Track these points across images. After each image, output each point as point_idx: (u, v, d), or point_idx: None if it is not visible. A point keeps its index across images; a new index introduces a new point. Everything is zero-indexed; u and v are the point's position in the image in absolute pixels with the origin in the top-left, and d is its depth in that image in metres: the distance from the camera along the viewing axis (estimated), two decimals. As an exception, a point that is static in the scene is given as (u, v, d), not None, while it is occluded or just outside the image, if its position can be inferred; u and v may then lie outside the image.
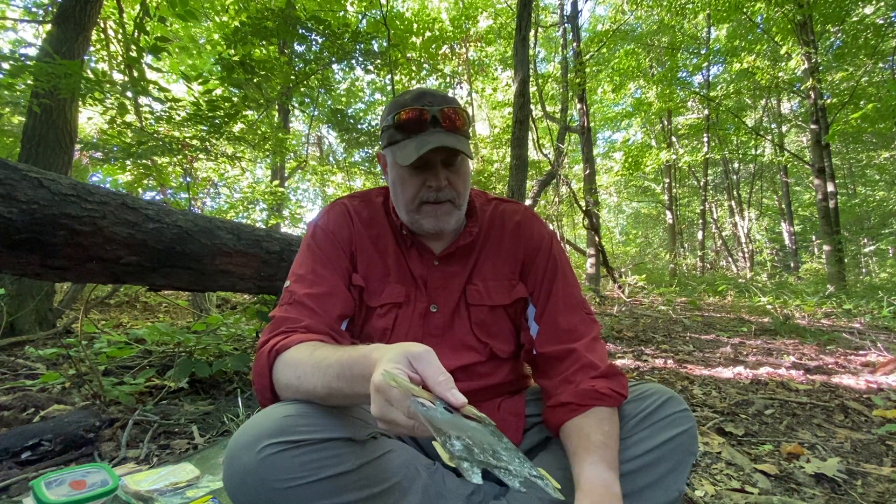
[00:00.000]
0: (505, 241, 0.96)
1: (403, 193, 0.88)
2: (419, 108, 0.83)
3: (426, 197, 0.86)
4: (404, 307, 0.90)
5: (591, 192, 8.29)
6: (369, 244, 0.93)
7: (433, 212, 0.87)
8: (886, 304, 5.36)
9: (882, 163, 14.86)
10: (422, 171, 0.86)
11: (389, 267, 0.92)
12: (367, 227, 0.94)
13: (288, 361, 0.71)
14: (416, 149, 0.81)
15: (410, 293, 0.91)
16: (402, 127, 0.84)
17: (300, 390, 0.68)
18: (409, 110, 0.83)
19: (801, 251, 16.38)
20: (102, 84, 3.19)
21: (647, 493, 0.73)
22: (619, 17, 11.40)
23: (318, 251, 0.89)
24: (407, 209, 0.89)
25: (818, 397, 2.14)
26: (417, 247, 0.94)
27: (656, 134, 15.44)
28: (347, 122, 6.89)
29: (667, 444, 0.74)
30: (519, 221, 0.98)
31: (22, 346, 2.56)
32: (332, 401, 0.67)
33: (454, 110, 0.84)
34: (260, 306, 2.51)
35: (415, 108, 0.83)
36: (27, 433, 1.26)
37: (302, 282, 0.86)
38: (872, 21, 8.32)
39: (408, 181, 0.87)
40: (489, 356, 0.91)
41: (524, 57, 4.17)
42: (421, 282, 0.92)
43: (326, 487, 0.63)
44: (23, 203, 1.21)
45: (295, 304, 0.83)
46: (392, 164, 0.89)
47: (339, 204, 0.97)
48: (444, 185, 0.86)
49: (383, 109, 0.94)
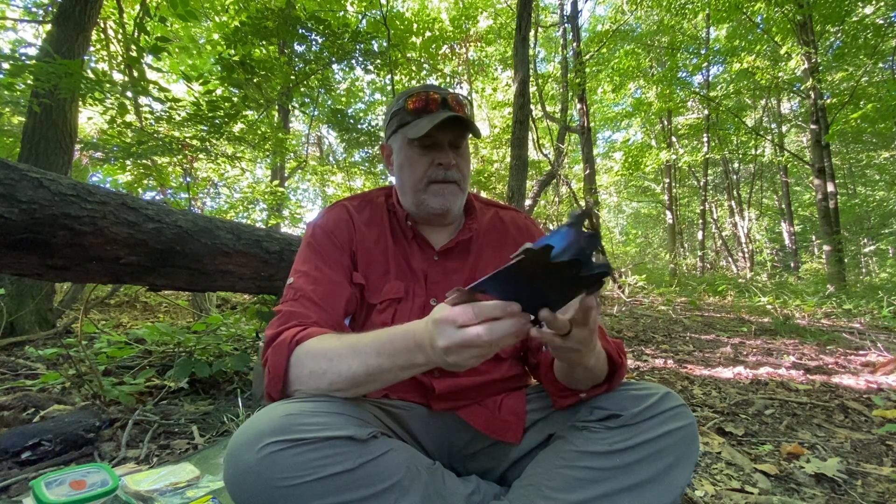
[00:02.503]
0: (508, 243, 1.00)
1: (412, 173, 0.92)
2: (429, 93, 0.90)
3: (434, 175, 0.90)
4: (403, 302, 0.91)
5: (591, 192, 8.29)
6: (370, 243, 0.95)
7: (441, 190, 0.91)
8: (886, 304, 5.36)
9: (882, 163, 14.87)
10: (430, 151, 0.90)
11: (389, 264, 0.94)
12: (367, 227, 0.96)
13: (313, 349, 0.72)
14: (429, 121, 0.86)
15: (410, 288, 0.93)
16: (414, 108, 0.89)
17: (328, 374, 0.69)
18: (421, 93, 0.90)
19: (801, 251, 16.39)
20: (102, 84, 3.19)
21: (649, 487, 0.72)
22: (618, 17, 11.41)
23: (319, 249, 0.91)
24: (415, 189, 0.92)
25: (818, 397, 2.14)
26: (419, 241, 0.96)
27: (656, 134, 15.44)
28: (347, 122, 6.89)
29: (667, 437, 0.74)
30: (521, 226, 1.03)
31: (22, 346, 2.56)
32: (367, 381, 0.69)
33: (461, 97, 0.92)
34: (260, 306, 2.51)
35: (425, 92, 0.90)
36: (27, 433, 1.26)
37: (306, 278, 0.87)
38: (872, 21, 8.32)
39: (416, 161, 0.91)
40: None
41: (524, 57, 4.17)
42: (421, 275, 0.94)
43: (327, 486, 0.63)
44: (23, 203, 1.21)
45: (301, 300, 0.83)
46: (400, 148, 0.93)
47: (338, 205, 0.99)
48: (452, 163, 0.90)
49: (386, 108, 0.99)
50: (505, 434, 0.88)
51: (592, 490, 0.74)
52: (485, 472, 0.89)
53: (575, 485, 0.74)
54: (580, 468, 0.76)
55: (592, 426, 0.78)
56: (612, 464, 0.74)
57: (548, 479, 0.77)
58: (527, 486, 0.79)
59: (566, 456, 0.78)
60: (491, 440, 0.88)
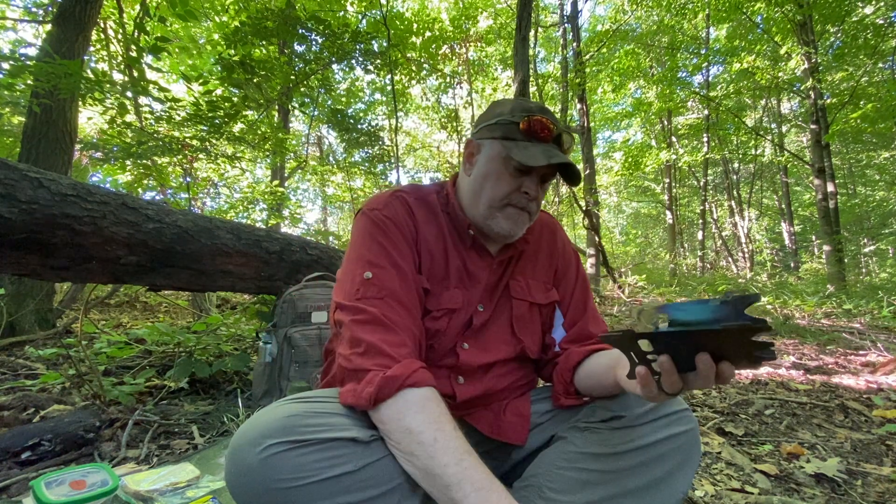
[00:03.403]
0: (542, 248, 1.00)
1: (494, 189, 0.86)
2: (550, 122, 0.84)
3: (516, 200, 0.86)
4: (458, 312, 0.88)
5: (591, 192, 8.29)
6: (431, 243, 0.89)
7: (515, 216, 0.87)
8: (886, 304, 5.35)
9: (882, 163, 14.87)
10: (522, 176, 0.86)
11: (449, 269, 0.90)
12: (426, 225, 0.90)
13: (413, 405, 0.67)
14: (544, 156, 0.81)
15: (466, 297, 0.89)
16: (529, 130, 0.84)
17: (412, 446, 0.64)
18: (542, 118, 0.84)
19: (801, 251, 16.37)
20: (102, 84, 3.19)
21: (650, 491, 0.72)
22: (618, 17, 11.40)
23: (391, 240, 0.83)
24: (490, 204, 0.87)
25: (818, 397, 2.14)
26: (477, 247, 0.92)
27: (656, 134, 15.43)
28: (347, 122, 6.89)
29: (669, 441, 0.74)
30: (553, 231, 1.04)
31: (22, 346, 2.56)
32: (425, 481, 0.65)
33: (571, 139, 0.89)
34: (260, 306, 2.51)
35: (546, 119, 0.84)
36: (27, 433, 1.25)
37: (387, 273, 0.79)
38: (872, 21, 8.31)
39: (505, 179, 0.86)
40: (518, 354, 0.92)
41: (524, 57, 4.17)
42: (477, 282, 0.91)
43: (329, 488, 0.62)
44: (23, 203, 1.21)
45: (387, 300, 0.77)
46: (493, 158, 0.86)
47: (398, 197, 0.90)
48: (537, 197, 0.88)
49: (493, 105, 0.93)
50: (510, 436, 0.88)
51: (593, 492, 0.73)
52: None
53: (576, 486, 0.74)
54: (581, 469, 0.76)
55: (595, 426, 0.78)
56: (613, 466, 0.74)
57: (548, 480, 0.77)
58: (527, 487, 0.79)
59: (568, 457, 0.78)
60: (495, 442, 0.88)
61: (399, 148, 12.00)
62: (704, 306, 0.52)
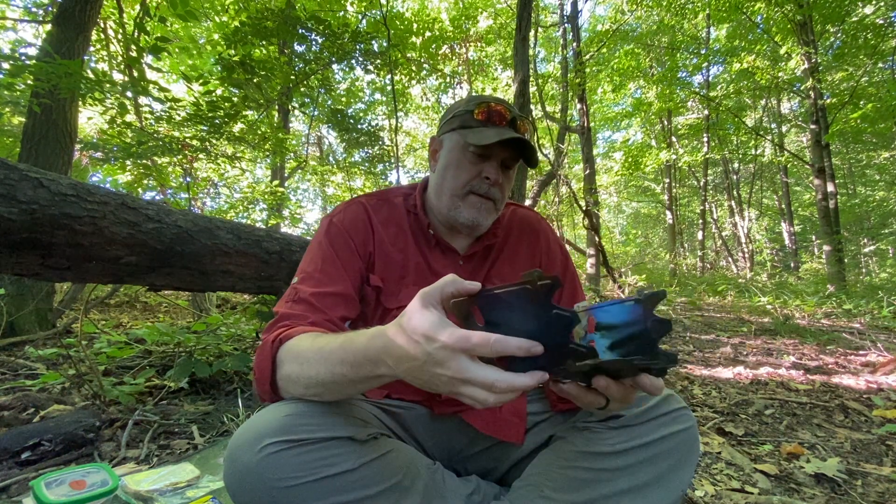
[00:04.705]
0: (522, 247, 0.99)
1: (455, 178, 0.89)
2: (501, 106, 0.87)
3: (477, 187, 0.88)
4: None
5: (591, 192, 8.30)
6: (387, 244, 0.92)
7: (478, 204, 0.88)
8: (886, 304, 5.36)
9: (882, 163, 14.88)
10: (482, 162, 0.88)
11: (408, 267, 0.91)
12: (384, 227, 0.93)
13: (291, 349, 0.69)
14: (496, 134, 0.83)
15: None
16: (483, 115, 0.87)
17: (302, 378, 0.65)
18: (492, 104, 0.87)
19: (801, 251, 16.38)
20: (102, 84, 3.19)
21: (650, 490, 0.72)
22: (618, 17, 11.41)
23: (329, 249, 0.88)
24: (452, 194, 0.89)
25: (818, 397, 2.14)
26: (441, 246, 0.94)
27: (656, 134, 15.44)
28: (347, 122, 6.88)
29: (668, 440, 0.74)
30: (535, 230, 1.02)
31: (22, 346, 2.56)
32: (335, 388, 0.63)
33: (529, 122, 0.90)
34: (260, 306, 2.51)
35: (501, 105, 0.87)
36: (27, 433, 1.25)
37: (309, 280, 0.85)
38: (872, 21, 8.32)
39: (465, 167, 0.88)
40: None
41: (524, 57, 4.17)
42: None
43: (327, 487, 0.63)
44: (23, 203, 1.21)
45: (300, 302, 0.82)
46: (452, 148, 0.90)
47: (355, 203, 0.95)
48: (499, 181, 0.88)
49: (451, 106, 0.95)
50: (507, 434, 0.88)
51: (592, 491, 0.74)
52: (485, 472, 0.89)
53: (575, 485, 0.74)
54: (581, 468, 0.76)
55: (594, 426, 0.78)
56: (612, 465, 0.74)
57: (548, 480, 0.77)
58: (527, 486, 0.79)
59: (567, 456, 0.78)
60: (492, 441, 0.88)
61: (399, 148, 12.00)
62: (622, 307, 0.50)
